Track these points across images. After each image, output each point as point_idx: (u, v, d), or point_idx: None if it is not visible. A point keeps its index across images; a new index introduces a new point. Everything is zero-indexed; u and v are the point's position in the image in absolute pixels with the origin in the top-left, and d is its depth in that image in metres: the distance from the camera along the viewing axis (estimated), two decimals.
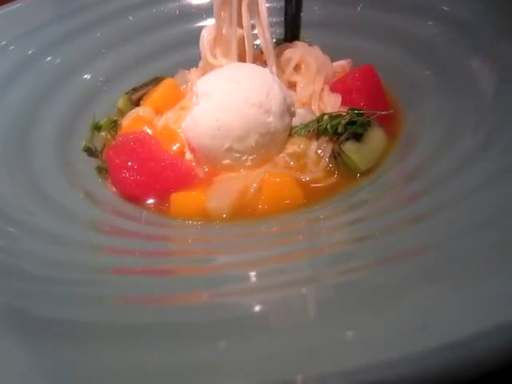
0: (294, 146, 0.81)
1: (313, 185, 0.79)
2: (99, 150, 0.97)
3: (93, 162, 0.94)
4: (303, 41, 1.15)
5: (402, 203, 0.63)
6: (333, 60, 1.03)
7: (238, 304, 0.42)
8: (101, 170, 0.91)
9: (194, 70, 1.08)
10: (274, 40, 1.20)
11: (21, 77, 0.99)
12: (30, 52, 1.04)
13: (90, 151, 0.97)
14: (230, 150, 0.80)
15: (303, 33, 1.14)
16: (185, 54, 1.21)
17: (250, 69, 0.86)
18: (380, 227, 0.55)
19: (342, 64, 1.04)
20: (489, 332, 0.30)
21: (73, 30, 1.16)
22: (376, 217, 0.61)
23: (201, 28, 1.26)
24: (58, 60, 1.09)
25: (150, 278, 0.48)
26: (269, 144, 0.81)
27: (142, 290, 0.44)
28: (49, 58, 1.08)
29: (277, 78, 0.85)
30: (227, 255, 0.59)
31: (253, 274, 0.49)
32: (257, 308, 0.41)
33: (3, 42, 1.02)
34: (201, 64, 1.03)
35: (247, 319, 0.39)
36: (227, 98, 0.80)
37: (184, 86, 1.07)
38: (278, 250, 0.57)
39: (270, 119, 0.79)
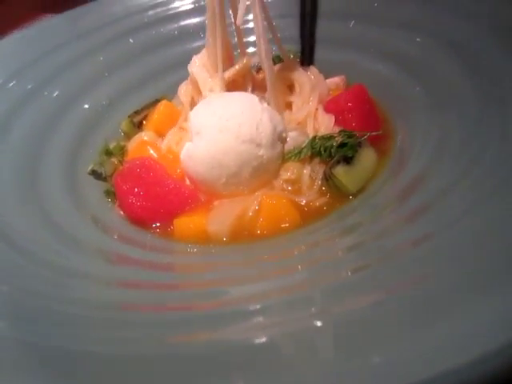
0: (288, 172, 0.85)
1: (308, 206, 0.83)
2: (106, 173, 1.02)
3: (100, 186, 0.99)
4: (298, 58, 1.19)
5: (397, 225, 0.64)
6: (326, 76, 1.06)
7: (248, 339, 0.43)
8: (109, 194, 0.96)
9: (182, 85, 1.10)
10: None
11: (26, 108, 1.04)
12: (29, 86, 1.09)
13: (96, 174, 1.02)
14: (226, 183, 0.85)
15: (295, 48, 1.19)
16: (185, 74, 1.25)
17: (238, 101, 0.88)
18: (379, 253, 0.56)
19: (335, 81, 1.08)
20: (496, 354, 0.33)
21: (76, 55, 1.21)
22: (374, 241, 0.62)
23: (199, 47, 1.31)
24: (62, 87, 1.14)
25: (158, 314, 0.51)
26: (263, 174, 0.85)
27: (149, 325, 0.48)
28: (53, 85, 1.13)
29: (266, 105, 0.88)
30: (234, 287, 0.60)
31: (259, 308, 0.49)
32: (267, 343, 0.42)
33: (0, 80, 1.06)
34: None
35: (257, 355, 0.40)
36: (219, 137, 0.83)
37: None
38: (281, 281, 0.58)
39: (262, 152, 0.83)
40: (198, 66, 0.98)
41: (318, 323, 0.43)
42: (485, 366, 0.33)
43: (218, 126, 0.83)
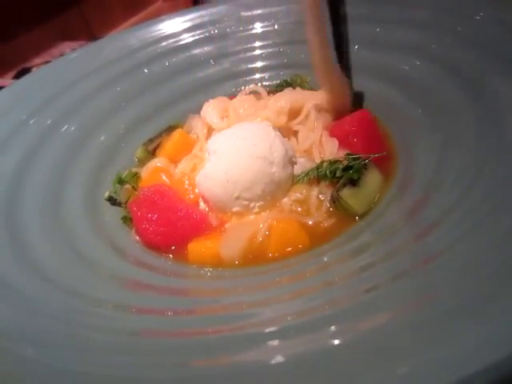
0: (297, 193, 0.89)
1: (316, 227, 0.85)
2: (122, 200, 1.06)
3: (118, 213, 1.03)
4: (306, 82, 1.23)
5: (403, 245, 0.66)
6: None
7: (268, 360, 0.44)
8: (126, 220, 1.00)
9: (196, 119, 1.18)
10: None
11: (47, 142, 1.09)
12: (49, 121, 1.14)
13: (112, 200, 1.07)
14: (239, 198, 0.89)
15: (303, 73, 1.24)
16: (197, 101, 1.31)
17: (254, 127, 0.95)
18: (388, 274, 0.58)
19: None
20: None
21: (94, 87, 1.27)
22: (382, 262, 0.64)
23: (210, 75, 1.37)
24: (81, 119, 1.19)
25: (176, 339, 0.54)
26: (274, 191, 0.89)
27: (166, 351, 0.50)
28: (72, 118, 1.19)
29: (278, 133, 0.93)
30: (248, 311, 0.62)
31: (276, 330, 0.51)
32: (284, 365, 0.43)
33: (23, 117, 1.12)
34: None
35: (275, 376, 0.42)
36: (235, 154, 0.90)
37: (193, 133, 1.17)
38: (294, 304, 0.60)
39: (274, 169, 0.88)
40: (210, 112, 1.09)
41: (335, 343, 0.44)
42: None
43: (234, 144, 0.91)
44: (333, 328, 0.47)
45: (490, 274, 0.47)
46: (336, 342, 0.44)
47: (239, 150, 0.89)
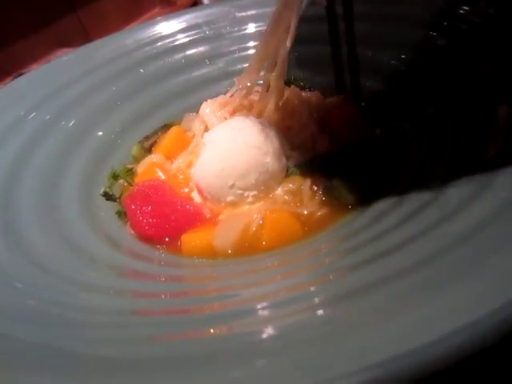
0: (290, 183, 0.91)
1: (309, 217, 0.86)
2: (117, 195, 1.07)
3: (114, 208, 1.04)
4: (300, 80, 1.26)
5: (392, 227, 0.66)
6: (326, 96, 1.12)
7: (257, 331, 0.45)
8: (120, 215, 1.01)
9: (192, 116, 1.21)
10: None
11: (45, 137, 1.10)
12: (48, 117, 1.15)
13: (108, 195, 1.08)
14: (233, 186, 0.90)
15: (294, 73, 1.26)
16: (191, 99, 1.33)
17: (249, 119, 0.97)
18: (373, 253, 0.58)
19: (335, 100, 1.13)
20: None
21: (90, 87, 1.28)
22: (371, 243, 0.64)
23: (205, 74, 1.39)
24: (78, 116, 1.20)
25: (169, 317, 0.55)
26: (267, 181, 0.91)
27: (162, 328, 0.51)
28: (70, 115, 1.19)
29: (274, 128, 0.96)
30: (241, 291, 0.64)
31: (266, 305, 0.53)
32: (273, 332, 0.44)
33: (22, 112, 1.13)
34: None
35: (267, 343, 0.43)
36: (230, 143, 0.91)
37: (190, 132, 1.18)
38: (285, 283, 0.61)
39: (268, 159, 0.90)
40: (208, 112, 1.10)
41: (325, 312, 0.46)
42: None
43: (230, 134, 0.92)
44: (321, 299, 0.48)
45: (472, 249, 0.48)
46: (326, 311, 0.45)
47: (235, 138, 0.91)
